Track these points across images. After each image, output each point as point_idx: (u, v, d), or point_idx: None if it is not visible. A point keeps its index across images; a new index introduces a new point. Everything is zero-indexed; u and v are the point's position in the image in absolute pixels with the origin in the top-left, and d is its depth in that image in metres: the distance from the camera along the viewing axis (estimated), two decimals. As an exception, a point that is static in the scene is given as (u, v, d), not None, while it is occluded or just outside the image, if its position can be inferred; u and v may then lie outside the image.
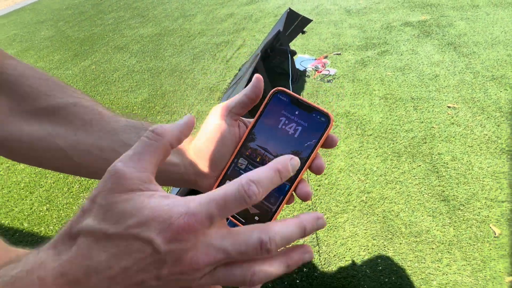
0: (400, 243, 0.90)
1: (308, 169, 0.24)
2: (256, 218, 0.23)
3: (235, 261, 0.17)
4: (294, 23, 1.64)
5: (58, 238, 0.17)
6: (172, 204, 0.16)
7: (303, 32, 1.80)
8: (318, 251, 0.91)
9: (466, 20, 2.11)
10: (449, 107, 1.38)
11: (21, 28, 3.41)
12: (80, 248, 0.16)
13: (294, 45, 2.09)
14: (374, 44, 1.98)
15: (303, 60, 1.86)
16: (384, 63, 1.77)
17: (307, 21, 1.68)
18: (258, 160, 0.25)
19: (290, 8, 1.52)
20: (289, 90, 0.29)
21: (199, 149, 0.26)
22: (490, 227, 0.91)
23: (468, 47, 1.81)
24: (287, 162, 0.18)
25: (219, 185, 0.25)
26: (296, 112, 0.25)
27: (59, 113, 0.27)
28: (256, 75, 0.25)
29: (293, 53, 1.57)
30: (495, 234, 0.89)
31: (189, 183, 0.27)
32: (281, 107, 0.25)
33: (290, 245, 0.18)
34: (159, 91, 1.83)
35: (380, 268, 0.85)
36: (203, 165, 0.26)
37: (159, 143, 0.18)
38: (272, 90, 0.25)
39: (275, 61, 1.56)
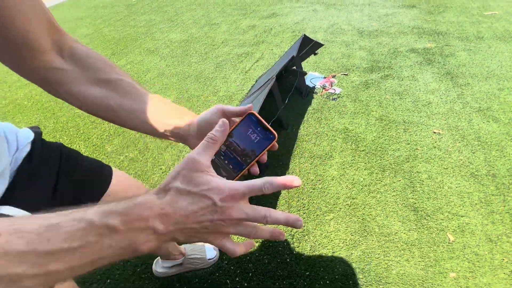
0: (372, 240, 1.13)
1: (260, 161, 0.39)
2: (227, 170, 0.36)
3: (249, 223, 0.30)
4: (307, 46, 1.88)
5: (157, 190, 0.28)
6: (227, 183, 0.28)
7: (315, 54, 2.04)
8: (307, 240, 1.15)
9: (468, 51, 2.29)
10: (434, 132, 1.59)
11: (63, 23, 3.77)
12: (171, 196, 0.27)
13: (307, 62, 2.32)
14: (379, 68, 2.20)
15: (313, 77, 2.10)
16: (385, 87, 1.98)
17: (319, 45, 1.92)
18: (232, 148, 0.37)
19: (304, 34, 1.76)
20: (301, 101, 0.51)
21: (201, 126, 0.40)
22: (447, 235, 1.13)
23: (464, 78, 2.00)
24: (290, 183, 0.30)
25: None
26: (258, 128, 0.38)
27: (111, 84, 0.41)
28: (250, 105, 0.38)
29: (304, 73, 1.80)
30: (450, 240, 1.11)
31: (185, 141, 0.41)
32: (250, 123, 0.38)
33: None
34: (185, 95, 2.10)
35: (353, 257, 1.08)
36: (200, 136, 0.40)
37: (215, 145, 0.32)
38: (248, 112, 0.38)
39: (287, 79, 1.81)
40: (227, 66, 2.40)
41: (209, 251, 1.07)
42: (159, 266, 1.04)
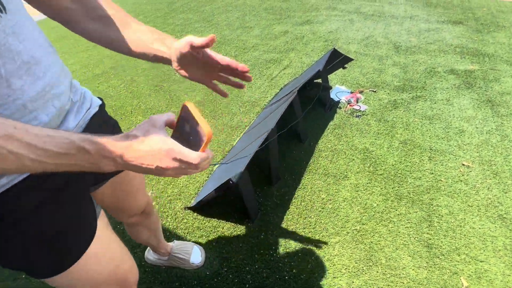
0: (377, 271, 1.09)
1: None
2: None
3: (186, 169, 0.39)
4: (336, 59, 1.84)
5: (122, 134, 0.38)
6: (171, 143, 0.37)
7: (344, 68, 1.99)
8: (308, 260, 1.14)
9: (516, 78, 2.09)
10: (463, 164, 1.48)
11: (109, 16, 4.05)
12: (130, 141, 0.37)
13: (335, 74, 2.27)
14: (412, 87, 2.09)
15: (339, 91, 2.05)
16: (415, 108, 1.88)
17: (348, 59, 1.87)
18: (181, 138, 0.40)
19: (334, 48, 1.72)
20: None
21: (177, 49, 0.48)
22: (461, 279, 1.05)
23: (507, 107, 1.84)
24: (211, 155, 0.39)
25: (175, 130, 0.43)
26: (194, 122, 0.39)
27: (104, 20, 0.53)
28: (211, 36, 0.44)
29: (328, 87, 1.76)
30: (463, 286, 1.03)
31: (168, 63, 0.52)
32: (187, 116, 0.40)
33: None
34: (211, 96, 2.16)
35: (354, 286, 1.05)
36: (176, 59, 0.49)
37: (166, 119, 0.41)
38: (183, 104, 0.40)
39: (312, 91, 1.79)
40: (254, 71, 2.42)
41: (195, 256, 1.11)
42: (150, 254, 1.13)
